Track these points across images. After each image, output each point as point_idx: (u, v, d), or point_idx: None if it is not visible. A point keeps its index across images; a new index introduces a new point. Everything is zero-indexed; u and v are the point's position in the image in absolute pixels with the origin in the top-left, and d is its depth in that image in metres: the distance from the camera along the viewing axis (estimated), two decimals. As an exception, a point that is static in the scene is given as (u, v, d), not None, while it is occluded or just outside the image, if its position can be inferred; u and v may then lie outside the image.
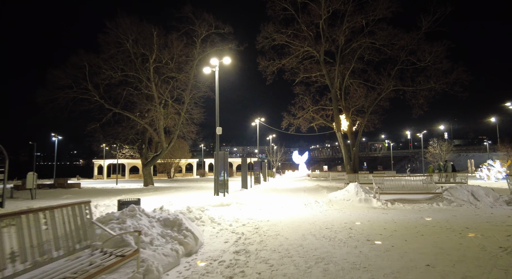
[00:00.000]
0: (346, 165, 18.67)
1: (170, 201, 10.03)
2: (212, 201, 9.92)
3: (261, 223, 6.99)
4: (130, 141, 24.88)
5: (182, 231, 4.83)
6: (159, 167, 48.46)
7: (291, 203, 10.64)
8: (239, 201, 10.44)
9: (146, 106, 18.93)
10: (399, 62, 17.70)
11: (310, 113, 22.04)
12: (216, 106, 11.47)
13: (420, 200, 10.30)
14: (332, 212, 8.68)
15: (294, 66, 20.99)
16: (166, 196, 13.14)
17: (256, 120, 27.54)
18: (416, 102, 17.71)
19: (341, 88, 19.78)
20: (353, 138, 19.61)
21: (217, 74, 11.97)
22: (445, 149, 33.60)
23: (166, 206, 9.25)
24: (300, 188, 18.10)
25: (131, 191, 17.84)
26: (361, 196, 10.46)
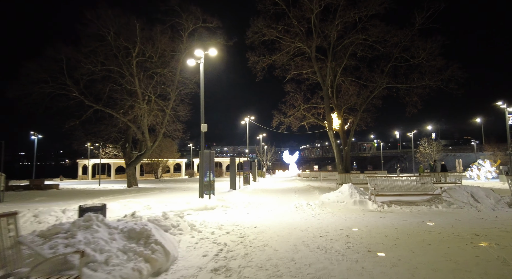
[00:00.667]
0: (338, 165, 18.10)
1: (149, 204, 9.14)
2: (195, 204, 9.09)
3: (248, 231, 6.21)
4: (114, 140, 23.68)
5: (150, 245, 4.01)
6: (146, 167, 47.10)
7: (281, 205, 9.91)
8: (225, 204, 9.64)
9: (129, 103, 17.85)
10: (392, 58, 17.24)
11: (301, 111, 21.39)
12: (201, 102, 10.63)
13: (418, 202, 9.72)
14: (325, 215, 7.98)
15: (285, 62, 20.30)
16: (148, 198, 12.20)
17: (245, 118, 26.76)
18: (410, 100, 17.28)
19: (333, 86, 19.20)
20: (344, 137, 19.06)
21: (202, 67, 11.15)
22: (435, 149, 33.60)
23: (142, 211, 8.38)
24: (290, 189, 17.41)
25: (112, 192, 16.79)
26: (356, 198, 9.81)
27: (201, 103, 10.58)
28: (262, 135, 44.95)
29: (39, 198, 13.81)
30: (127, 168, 22.01)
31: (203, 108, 10.54)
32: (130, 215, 5.97)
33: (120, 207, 8.56)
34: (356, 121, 18.56)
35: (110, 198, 13.13)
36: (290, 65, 20.38)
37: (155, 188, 20.30)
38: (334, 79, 19.27)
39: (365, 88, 19.51)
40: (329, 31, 17.97)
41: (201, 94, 10.87)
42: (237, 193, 13.66)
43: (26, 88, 16.15)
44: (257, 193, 15.10)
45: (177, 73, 20.69)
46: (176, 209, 8.53)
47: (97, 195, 14.86)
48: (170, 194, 14.91)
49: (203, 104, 10.59)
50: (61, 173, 60.12)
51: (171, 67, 20.36)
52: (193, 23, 19.14)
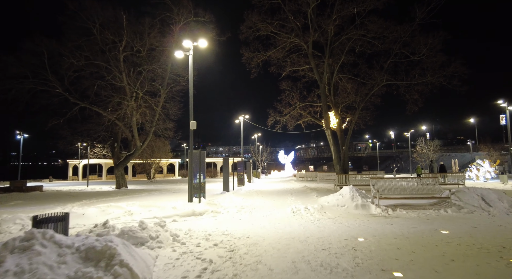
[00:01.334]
0: (336, 165, 17.38)
1: (131, 209, 8.28)
2: (182, 209, 8.24)
3: (239, 242, 5.40)
4: (102, 140, 22.67)
5: (112, 267, 3.18)
6: (138, 167, 45.99)
7: (277, 209, 9.11)
8: (215, 208, 8.81)
9: (116, 100, 16.88)
10: (392, 55, 16.57)
11: (297, 110, 20.63)
12: (190, 97, 9.79)
13: (424, 206, 9.01)
14: (326, 222, 7.21)
15: (281, 58, 19.52)
16: (133, 201, 11.30)
17: (240, 117, 25.92)
18: (411, 97, 16.61)
19: (330, 83, 18.48)
20: (342, 136, 18.34)
21: (191, 60, 10.33)
22: (432, 149, 33.16)
23: (122, 218, 7.52)
24: (286, 190, 16.64)
25: (98, 194, 15.83)
26: (358, 202, 9.06)
27: (190, 98, 9.74)
28: (257, 134, 44.17)
29: (15, 201, 12.82)
30: (116, 169, 21.01)
31: (191, 104, 9.71)
32: (101, 225, 5.12)
33: (97, 213, 7.67)
34: (354, 120, 17.86)
35: (93, 202, 12.21)
36: (286, 62, 19.62)
37: (145, 189, 19.37)
38: (332, 76, 18.55)
39: (363, 86, 18.83)
40: (326, 26, 17.25)
41: (190, 89, 10.03)
42: (230, 195, 12.84)
43: (3, 84, 15.08)
44: (251, 195, 14.29)
45: (168, 69, 19.80)
46: (161, 215, 7.68)
47: (80, 198, 13.91)
48: (159, 196, 14.03)
49: (192, 100, 9.75)
50: (53, 173, 58.61)
51: (161, 63, 19.45)
52: (184, 17, 18.27)
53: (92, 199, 13.21)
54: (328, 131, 17.58)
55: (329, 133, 17.54)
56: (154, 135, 25.72)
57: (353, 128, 18.12)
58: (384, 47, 17.06)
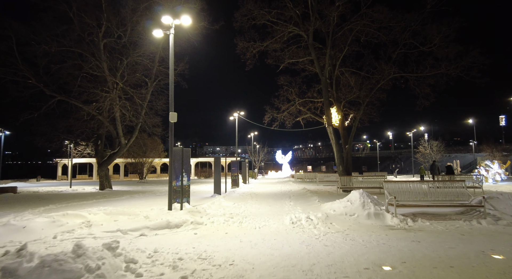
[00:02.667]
0: (338, 166, 15.86)
1: (93, 219, 6.69)
2: (156, 219, 6.67)
3: (219, 272, 3.85)
4: (86, 137, 21.02)
5: None
6: (130, 167, 44.30)
7: (273, 219, 7.56)
8: (198, 218, 7.24)
9: (97, 91, 15.21)
10: (400, 45, 15.08)
11: (296, 106, 19.12)
12: (170, 83, 8.23)
13: (449, 215, 7.52)
14: (335, 238, 5.68)
15: (278, 48, 17.96)
16: (106, 207, 9.71)
17: (234, 114, 24.34)
18: (421, 91, 15.16)
19: (332, 77, 16.97)
20: (345, 134, 16.84)
21: (172, 41, 8.79)
22: (435, 149, 31.81)
23: (77, 230, 5.94)
24: (284, 193, 15.11)
25: (75, 197, 14.20)
26: (370, 210, 7.54)
27: (170, 85, 8.18)
28: (254, 133, 42.58)
29: (-27, 206, 11.17)
30: (99, 169, 19.38)
31: (172, 92, 8.14)
32: (14, 252, 3.53)
33: (46, 224, 6.08)
34: (359, 116, 16.35)
35: (62, 206, 10.59)
36: (284, 52, 18.07)
37: (130, 191, 17.76)
38: (334, 70, 17.04)
39: (367, 80, 17.34)
40: (329, 13, 15.73)
41: (170, 73, 8.48)
42: (220, 199, 11.28)
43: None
44: (245, 199, 12.74)
45: (156, 60, 18.22)
46: (127, 227, 6.12)
47: (53, 201, 12.29)
48: (140, 200, 12.43)
49: (172, 87, 8.19)
50: (45, 173, 56.69)
51: (148, 53, 17.86)
52: (173, 4, 16.66)
53: (62, 203, 11.59)
54: (329, 128, 16.06)
55: (331, 130, 16.03)
56: (146, 134, 24.12)
57: (357, 126, 16.59)
58: (391, 37, 15.58)
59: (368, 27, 16.07)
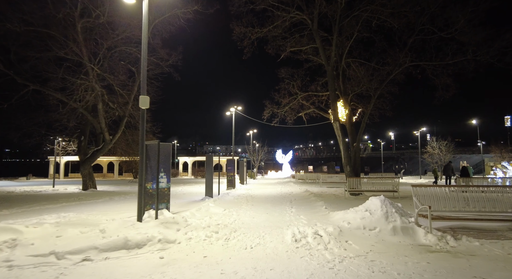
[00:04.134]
0: (345, 166, 14.12)
1: (24, 236, 4.96)
2: (112, 235, 4.96)
3: None
4: (69, 132, 19.33)
5: None
6: (124, 166, 42.56)
7: (270, 234, 5.84)
8: (170, 233, 5.53)
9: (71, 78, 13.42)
10: (416, 30, 13.32)
11: (299, 100, 17.37)
12: (143, 51, 6.50)
13: (501, 231, 5.79)
14: (356, 267, 3.98)
15: (279, 35, 16.16)
16: (70, 212, 8.03)
17: (231, 108, 22.61)
18: (441, 82, 13.40)
19: (339, 67, 15.22)
20: (353, 130, 15.10)
21: (146, 3, 7.08)
22: (444, 149, 30.09)
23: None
24: (284, 196, 13.39)
25: (50, 198, 12.49)
26: (395, 222, 5.83)
27: (142, 60, 6.46)
28: (253, 131, 40.83)
29: None
30: (82, 167, 17.67)
31: (144, 68, 6.42)
32: None
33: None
34: (368, 110, 14.57)
35: (20, 211, 8.88)
36: (286, 41, 16.30)
37: (114, 192, 16.05)
38: (340, 59, 15.28)
39: (377, 71, 15.58)
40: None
41: (142, 47, 6.76)
42: (210, 204, 9.56)
43: None
44: (239, 203, 11.02)
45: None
46: (68, 247, 4.41)
47: (16, 204, 10.59)
48: (116, 204, 10.71)
49: (145, 64, 6.48)
50: (41, 171, 54.98)
51: (136, 39, 16.15)
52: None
53: (24, 207, 9.86)
54: (336, 123, 14.31)
55: (337, 126, 14.28)
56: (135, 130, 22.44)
57: (366, 121, 14.81)
58: (405, 21, 13.77)
59: (379, 14, 14.30)
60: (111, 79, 14.26)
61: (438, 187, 6.23)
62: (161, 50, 17.80)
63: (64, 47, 13.02)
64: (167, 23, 16.54)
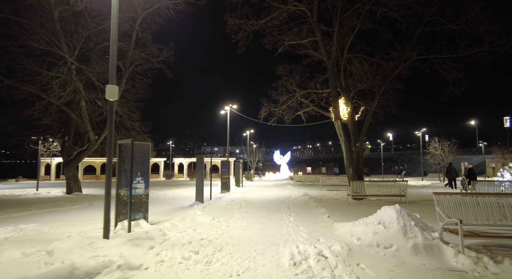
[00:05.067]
0: (348, 168, 13.06)
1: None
2: (60, 259, 3.85)
3: None
4: (53, 132, 18.17)
5: None
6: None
7: (263, 255, 4.74)
8: (137, 254, 4.43)
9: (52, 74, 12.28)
10: (424, 22, 12.30)
11: (297, 97, 16.32)
12: (112, 33, 5.40)
13: (548, 250, 4.72)
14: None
15: (276, 29, 15.10)
16: (32, 223, 6.90)
17: (226, 107, 21.50)
18: (452, 76, 12.36)
19: (340, 62, 14.17)
20: (356, 130, 14.07)
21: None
22: (447, 150, 29.17)
23: None
24: (282, 201, 12.32)
25: (25, 203, 11.32)
26: (416, 239, 4.76)
27: (111, 46, 5.38)
28: (250, 131, 39.71)
29: None
30: (65, 169, 16.51)
31: (114, 53, 5.32)
32: None
33: None
34: (372, 108, 13.53)
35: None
36: (283, 35, 15.25)
37: (97, 196, 14.89)
38: (342, 54, 14.25)
39: (381, 67, 14.56)
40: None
41: (112, 23, 5.65)
42: (197, 212, 8.46)
43: None
44: (231, 209, 9.93)
45: (131, 42, 15.44)
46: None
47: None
48: (93, 212, 9.58)
49: (115, 48, 5.37)
50: (31, 172, 53.59)
51: (122, 33, 15.08)
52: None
53: (10, 211, 8.72)
54: (337, 122, 13.26)
55: (339, 124, 13.23)
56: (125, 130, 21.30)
57: (370, 120, 13.76)
58: (411, 13, 12.75)
59: (383, 6, 13.26)
60: (90, 72, 13.09)
61: (467, 196, 5.17)
62: (151, 45, 16.75)
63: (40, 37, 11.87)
64: (156, 14, 15.49)
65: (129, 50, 15.56)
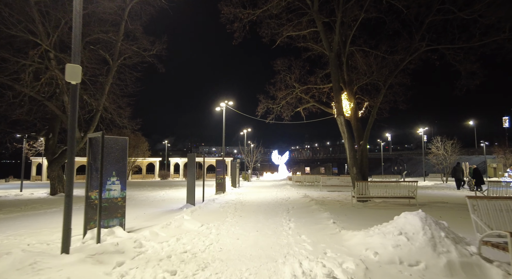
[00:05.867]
0: (351, 167, 12.11)
1: None
2: None
3: None
4: (38, 129, 17.13)
5: None
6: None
7: (257, 275, 3.76)
8: (97, 275, 3.42)
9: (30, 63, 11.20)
10: (433, 11, 11.37)
11: (297, 93, 15.37)
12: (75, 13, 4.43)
13: None
14: None
15: (274, 18, 14.13)
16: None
17: (221, 103, 20.51)
18: (465, 68, 11.45)
19: (343, 54, 13.21)
20: (359, 127, 13.14)
21: None
22: (450, 149, 28.34)
23: None
24: (281, 203, 11.35)
25: None
26: (450, 255, 3.81)
27: (74, 19, 4.39)
28: (247, 130, 38.71)
29: None
30: (49, 168, 15.47)
31: (78, 28, 4.34)
32: None
33: None
34: (378, 103, 12.60)
35: None
36: (282, 24, 14.28)
37: (80, 198, 13.83)
38: (345, 46, 13.31)
39: (385, 60, 13.64)
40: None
41: None
42: (185, 217, 7.48)
43: None
44: (224, 213, 8.95)
45: (120, 33, 14.46)
46: None
47: None
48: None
49: (79, 21, 4.40)
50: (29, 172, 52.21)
51: (111, 23, 14.10)
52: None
53: None
54: (340, 118, 12.30)
55: (341, 121, 12.27)
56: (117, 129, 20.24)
57: (375, 116, 12.81)
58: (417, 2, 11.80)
59: None
60: (69, 61, 12.04)
61: (501, 200, 4.22)
62: (141, 36, 15.72)
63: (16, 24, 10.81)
64: (146, 3, 14.48)
65: (118, 41, 14.59)
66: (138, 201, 12.50)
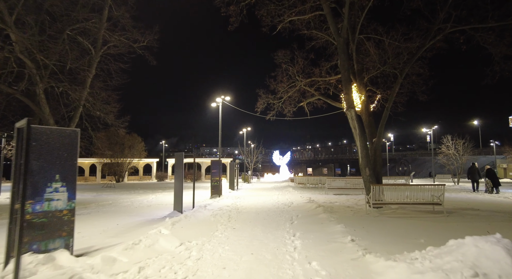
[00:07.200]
0: (364, 168, 10.54)
1: None
2: None
3: None
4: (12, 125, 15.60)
5: None
6: (105, 168, 38.79)
7: None
8: None
9: None
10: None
11: (301, 85, 13.83)
12: None
13: None
14: None
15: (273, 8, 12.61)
16: None
17: (218, 99, 18.95)
18: (499, 51, 9.85)
19: (352, 40, 11.65)
20: (371, 122, 11.60)
21: None
22: (461, 149, 26.71)
23: None
24: (282, 210, 9.80)
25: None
26: None
27: None
28: (247, 129, 37.14)
29: None
30: (26, 170, 13.91)
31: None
32: None
33: None
34: (393, 95, 11.04)
35: None
36: (283, 12, 12.76)
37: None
38: (354, 31, 11.74)
39: (398, 48, 12.05)
40: None
41: None
42: (163, 231, 5.95)
43: None
44: (214, 225, 7.40)
45: (103, 19, 13.02)
46: None
47: None
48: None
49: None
50: None
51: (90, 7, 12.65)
52: None
53: None
54: (351, 112, 10.72)
55: (352, 115, 10.70)
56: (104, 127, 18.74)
57: (389, 109, 11.24)
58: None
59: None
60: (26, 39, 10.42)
61: None
62: (128, 23, 14.23)
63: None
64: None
65: (101, 28, 13.13)
66: (120, 207, 10.97)
